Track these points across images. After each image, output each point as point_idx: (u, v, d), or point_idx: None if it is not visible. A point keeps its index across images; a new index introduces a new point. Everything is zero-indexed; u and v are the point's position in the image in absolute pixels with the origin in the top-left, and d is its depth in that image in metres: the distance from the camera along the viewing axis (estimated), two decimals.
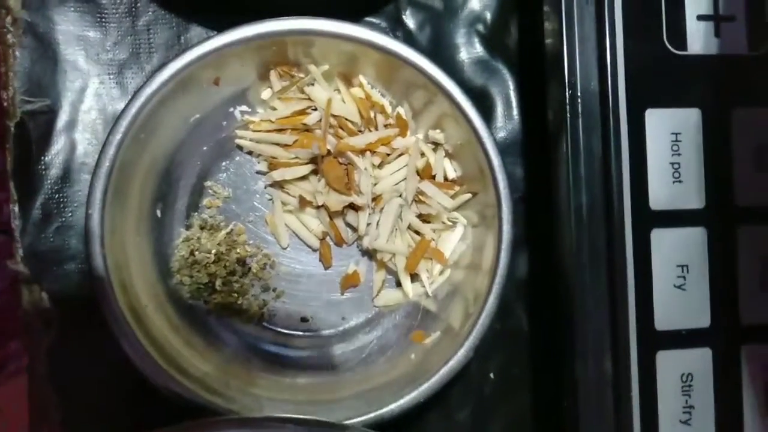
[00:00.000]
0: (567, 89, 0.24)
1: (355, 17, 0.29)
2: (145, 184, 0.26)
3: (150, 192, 0.27)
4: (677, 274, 0.23)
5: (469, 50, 0.30)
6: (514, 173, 0.29)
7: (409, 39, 0.29)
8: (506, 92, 0.30)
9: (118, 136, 0.24)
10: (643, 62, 0.23)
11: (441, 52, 0.29)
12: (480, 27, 0.30)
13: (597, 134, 0.23)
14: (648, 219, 0.23)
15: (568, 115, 0.24)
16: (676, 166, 0.23)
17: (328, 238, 0.29)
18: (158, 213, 0.27)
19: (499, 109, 0.30)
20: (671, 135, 0.23)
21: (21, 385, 0.28)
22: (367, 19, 0.29)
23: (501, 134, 0.30)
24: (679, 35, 0.24)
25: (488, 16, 0.30)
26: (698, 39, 0.24)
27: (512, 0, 0.30)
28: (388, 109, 0.28)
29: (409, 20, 0.29)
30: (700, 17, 0.24)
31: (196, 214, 0.28)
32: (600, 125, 0.24)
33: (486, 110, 0.30)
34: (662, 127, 0.23)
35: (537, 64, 0.26)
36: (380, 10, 0.29)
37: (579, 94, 0.24)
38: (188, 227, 0.28)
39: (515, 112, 0.30)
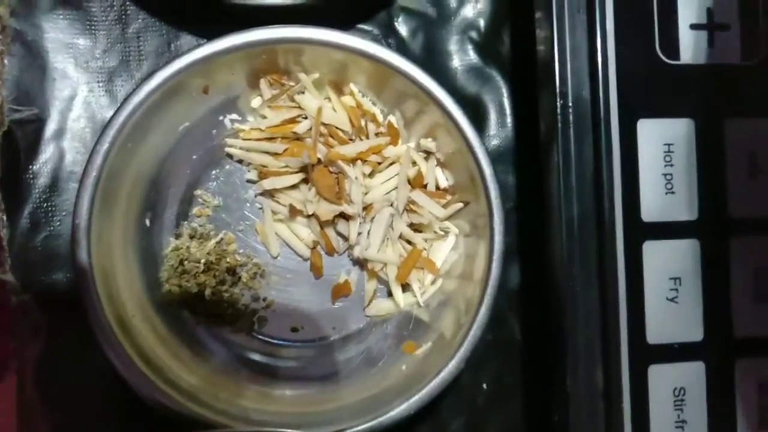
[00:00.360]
0: (558, 98, 0.23)
1: (346, 24, 0.29)
2: (133, 193, 0.26)
3: (138, 201, 0.26)
4: (670, 287, 0.23)
5: (462, 57, 0.29)
6: (506, 181, 0.29)
7: (401, 46, 0.29)
8: (500, 99, 0.29)
9: (105, 146, 0.24)
10: (636, 72, 0.23)
11: (434, 59, 0.29)
12: (473, 34, 0.29)
13: (588, 144, 0.23)
14: (640, 231, 0.23)
15: (560, 124, 0.23)
16: (668, 177, 0.23)
17: (319, 248, 0.28)
18: (147, 222, 0.27)
19: (493, 117, 0.29)
20: (664, 146, 0.23)
21: (12, 387, 0.28)
22: (359, 26, 0.29)
23: (494, 142, 0.29)
24: (671, 44, 0.23)
25: (481, 23, 0.29)
26: (691, 48, 0.23)
27: (505, 7, 0.29)
28: (380, 118, 0.28)
29: (402, 27, 0.29)
30: (693, 26, 0.23)
31: (185, 223, 0.28)
32: (591, 135, 0.23)
33: (479, 118, 0.29)
34: (655, 137, 0.23)
35: (530, 72, 0.26)
36: (372, 17, 0.29)
37: (570, 103, 0.23)
38: (178, 236, 0.28)
39: (509, 119, 0.29)
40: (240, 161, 0.28)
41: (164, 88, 0.24)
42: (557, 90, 0.23)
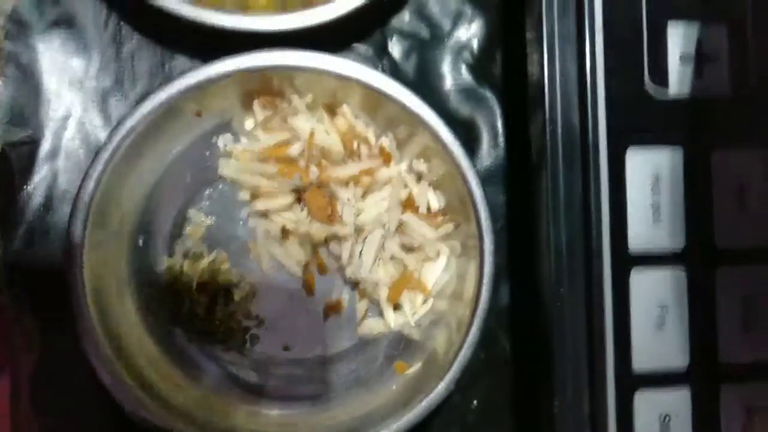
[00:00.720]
0: (548, 124, 0.23)
1: (341, 44, 0.29)
2: (126, 215, 0.26)
3: (132, 222, 0.27)
4: (656, 314, 0.23)
5: (455, 79, 0.29)
6: (498, 202, 0.29)
7: (394, 68, 0.29)
8: (493, 121, 0.30)
9: (98, 170, 0.24)
10: (625, 101, 0.23)
11: (427, 80, 0.29)
12: (467, 55, 0.29)
13: (577, 172, 0.23)
14: (627, 259, 0.23)
15: (549, 151, 0.23)
16: (656, 206, 0.23)
17: (311, 267, 0.29)
18: (140, 242, 0.27)
19: (485, 138, 0.30)
20: (652, 175, 0.23)
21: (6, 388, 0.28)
22: (354, 45, 0.29)
23: (486, 163, 0.30)
24: (661, 74, 0.23)
25: (475, 44, 0.30)
26: (680, 79, 0.23)
27: (499, 29, 0.29)
28: (372, 140, 0.28)
29: (395, 48, 0.29)
30: (682, 57, 0.23)
31: (178, 242, 0.28)
32: (580, 162, 0.23)
33: (472, 139, 0.29)
34: (643, 166, 0.23)
35: (523, 94, 0.26)
36: (367, 36, 0.29)
37: (559, 129, 0.23)
38: (171, 255, 0.28)
39: (501, 140, 0.30)
40: (233, 181, 0.28)
41: (157, 113, 0.24)
42: (546, 115, 0.23)
